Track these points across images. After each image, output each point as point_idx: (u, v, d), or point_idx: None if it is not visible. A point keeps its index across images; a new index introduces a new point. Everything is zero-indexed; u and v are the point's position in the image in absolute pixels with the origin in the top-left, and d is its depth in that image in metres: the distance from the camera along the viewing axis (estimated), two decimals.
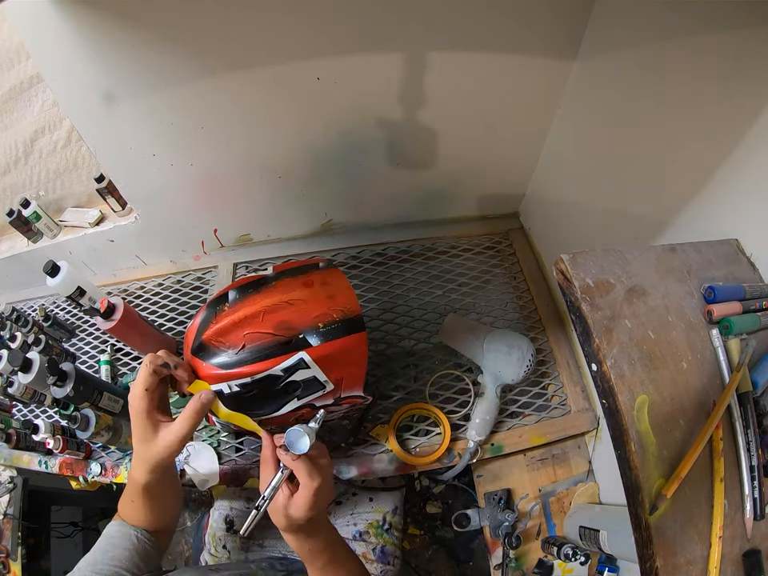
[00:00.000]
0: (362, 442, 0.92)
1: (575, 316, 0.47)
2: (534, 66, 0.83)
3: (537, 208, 1.16)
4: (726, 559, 0.46)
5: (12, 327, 1.06)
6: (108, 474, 0.94)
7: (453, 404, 0.94)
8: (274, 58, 0.76)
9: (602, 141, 0.83)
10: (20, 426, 0.97)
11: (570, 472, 0.94)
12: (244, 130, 0.88)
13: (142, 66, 0.75)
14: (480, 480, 0.93)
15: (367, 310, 1.09)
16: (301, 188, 1.05)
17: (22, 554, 1.01)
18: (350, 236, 1.21)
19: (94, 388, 0.86)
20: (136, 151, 0.90)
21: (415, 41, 0.76)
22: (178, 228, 1.12)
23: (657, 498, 0.43)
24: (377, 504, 1.03)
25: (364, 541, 0.99)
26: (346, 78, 0.80)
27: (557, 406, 0.95)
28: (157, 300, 1.17)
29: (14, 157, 1.14)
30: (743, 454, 0.49)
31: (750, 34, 0.51)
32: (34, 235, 1.17)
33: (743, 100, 0.55)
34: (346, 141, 0.93)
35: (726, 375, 0.50)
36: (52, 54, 0.73)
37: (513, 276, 1.14)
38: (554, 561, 0.87)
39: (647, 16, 0.64)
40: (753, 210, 0.57)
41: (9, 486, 1.04)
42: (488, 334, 0.92)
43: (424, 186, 1.11)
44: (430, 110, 0.88)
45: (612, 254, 0.51)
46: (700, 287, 0.54)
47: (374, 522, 1.01)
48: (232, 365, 0.62)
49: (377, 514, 1.02)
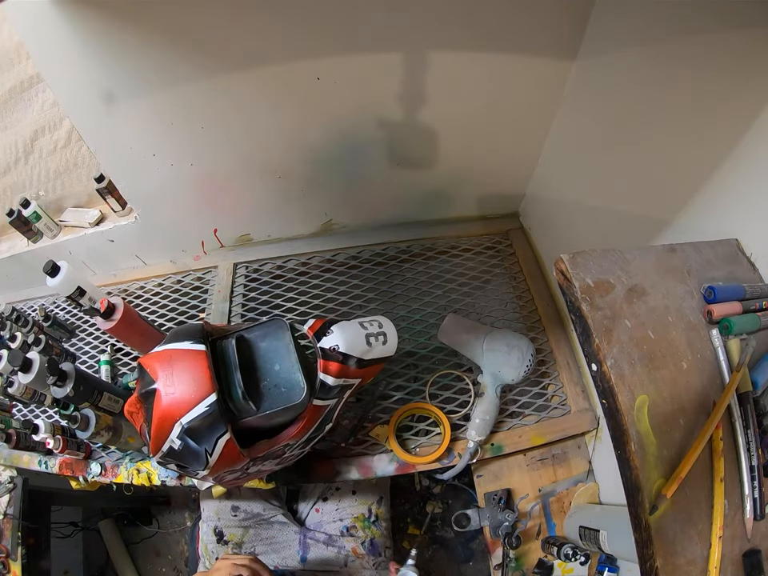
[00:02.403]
0: (361, 441, 0.92)
1: (575, 316, 0.47)
2: (534, 66, 0.83)
3: (537, 208, 1.16)
4: (726, 559, 0.46)
5: (12, 327, 1.06)
6: (108, 474, 0.94)
7: (453, 404, 0.94)
8: (274, 58, 0.76)
9: (602, 141, 0.83)
10: (20, 425, 0.97)
11: (569, 472, 0.94)
12: (244, 130, 0.88)
13: (142, 65, 0.75)
14: (480, 480, 0.93)
15: (367, 310, 1.09)
16: (301, 188, 1.05)
17: (21, 553, 1.01)
18: (350, 236, 1.22)
19: (94, 388, 0.86)
20: (136, 151, 0.90)
21: (415, 41, 0.76)
22: (177, 228, 1.13)
23: (657, 498, 0.43)
24: (360, 497, 1.03)
25: (352, 536, 0.99)
26: (346, 77, 0.80)
27: (557, 406, 0.95)
28: (157, 300, 1.17)
29: (14, 157, 1.14)
30: (743, 454, 0.49)
31: (750, 34, 0.51)
32: (33, 235, 1.17)
33: (743, 99, 0.55)
34: (346, 141, 0.93)
35: (725, 375, 0.50)
36: (52, 54, 0.73)
37: (513, 276, 1.14)
38: (554, 561, 0.87)
39: (647, 16, 0.64)
40: (753, 210, 0.57)
41: (9, 486, 1.04)
42: (488, 334, 0.92)
43: (424, 186, 1.11)
44: (429, 109, 0.88)
45: (612, 254, 0.51)
46: (700, 287, 0.54)
47: (360, 515, 1.01)
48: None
49: (362, 507, 1.01)
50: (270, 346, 0.73)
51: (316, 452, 0.91)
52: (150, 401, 0.62)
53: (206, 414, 0.60)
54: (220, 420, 0.61)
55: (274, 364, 0.71)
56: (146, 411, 0.64)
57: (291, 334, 0.72)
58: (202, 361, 0.63)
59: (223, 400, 0.63)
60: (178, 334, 0.68)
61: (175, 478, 0.92)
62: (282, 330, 0.73)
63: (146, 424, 0.63)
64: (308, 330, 0.70)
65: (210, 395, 0.61)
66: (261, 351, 0.73)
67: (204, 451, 0.61)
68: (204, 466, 0.62)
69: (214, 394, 0.61)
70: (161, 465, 0.67)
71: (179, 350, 0.65)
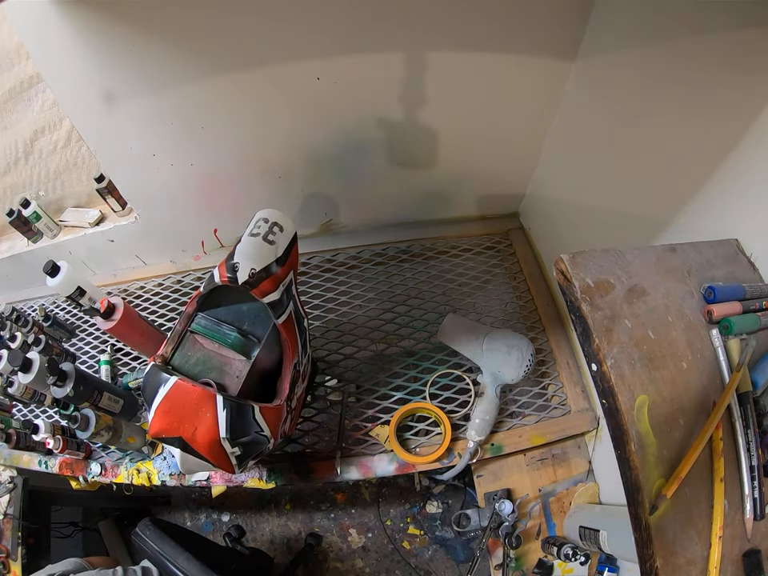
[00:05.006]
0: (362, 441, 0.92)
1: (575, 316, 0.47)
2: (534, 66, 0.83)
3: (537, 208, 1.16)
4: (726, 559, 0.46)
5: (12, 327, 1.06)
6: (108, 474, 0.94)
7: (453, 404, 0.94)
8: (275, 58, 0.76)
9: (601, 141, 0.83)
10: (20, 425, 0.97)
11: (569, 472, 0.94)
12: (244, 130, 0.88)
13: (142, 65, 0.75)
14: (480, 480, 0.93)
15: (367, 310, 1.09)
16: (301, 188, 1.05)
17: (21, 553, 1.01)
18: (350, 236, 1.22)
19: (94, 388, 0.86)
20: (136, 151, 0.90)
21: (415, 41, 0.76)
22: (177, 228, 1.12)
23: (657, 498, 0.42)
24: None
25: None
26: (346, 78, 0.80)
27: (557, 406, 0.95)
28: (157, 300, 1.17)
29: (14, 157, 1.14)
30: (743, 454, 0.49)
31: (750, 35, 0.51)
32: (34, 235, 1.17)
33: (743, 99, 0.55)
34: (346, 141, 0.93)
35: (725, 375, 0.50)
36: (52, 54, 0.73)
37: (513, 276, 1.14)
38: (554, 561, 0.87)
39: (646, 17, 0.64)
40: (753, 210, 0.57)
41: (9, 486, 1.04)
42: (487, 334, 0.92)
43: (424, 186, 1.11)
44: (429, 109, 0.88)
45: (612, 254, 0.51)
46: (700, 287, 0.54)
47: None
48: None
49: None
50: (222, 310, 0.76)
51: (316, 452, 0.92)
52: (189, 449, 0.63)
53: (231, 412, 0.62)
54: (245, 405, 0.64)
55: (236, 314, 0.76)
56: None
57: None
58: (183, 386, 0.62)
59: (231, 398, 0.64)
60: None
61: (177, 476, 0.92)
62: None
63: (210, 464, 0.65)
64: (220, 280, 0.66)
65: (217, 397, 0.62)
66: (222, 314, 0.75)
67: (259, 431, 0.66)
68: (266, 441, 0.68)
69: (219, 395, 0.62)
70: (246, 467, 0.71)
71: (160, 402, 0.63)
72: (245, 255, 0.66)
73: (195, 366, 0.70)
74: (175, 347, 0.71)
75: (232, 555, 1.17)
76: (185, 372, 0.69)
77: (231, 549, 1.21)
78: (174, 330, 0.72)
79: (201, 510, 1.65)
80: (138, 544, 0.92)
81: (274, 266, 0.68)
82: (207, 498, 1.64)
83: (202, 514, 1.64)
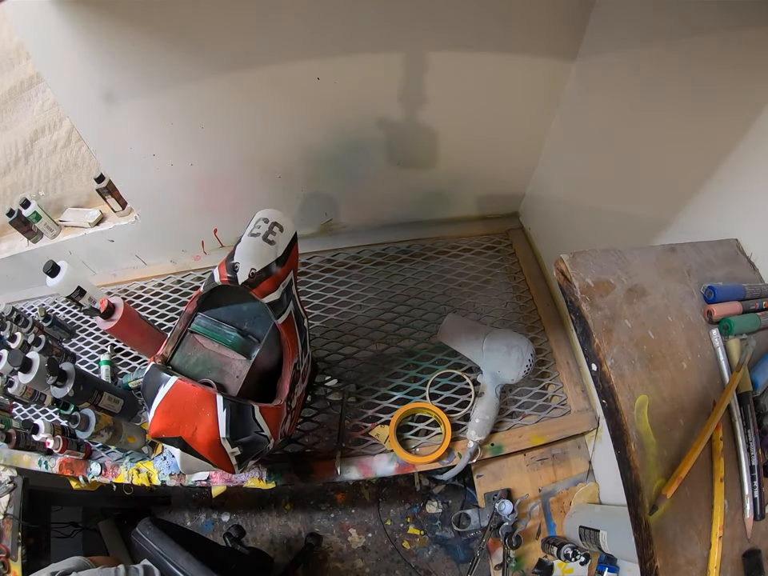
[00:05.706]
0: (362, 441, 0.92)
1: (575, 316, 0.47)
2: (534, 66, 0.83)
3: (537, 208, 1.16)
4: (726, 559, 0.46)
5: (12, 327, 1.06)
6: (108, 474, 0.94)
7: (453, 404, 0.94)
8: (274, 58, 0.76)
9: (601, 141, 0.83)
10: (20, 425, 0.97)
11: (569, 472, 0.94)
12: (244, 130, 0.88)
13: (142, 65, 0.75)
14: (480, 480, 0.93)
15: (367, 310, 1.09)
16: (301, 188, 1.05)
17: (21, 553, 1.01)
18: (350, 236, 1.22)
19: (94, 388, 0.86)
20: (136, 151, 0.90)
21: (415, 41, 0.76)
22: (177, 228, 1.12)
23: (657, 497, 0.42)
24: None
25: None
26: (346, 77, 0.80)
27: (557, 406, 0.95)
28: (157, 300, 1.17)
29: (14, 157, 1.14)
30: (743, 454, 0.49)
31: (750, 35, 0.51)
32: (34, 235, 1.17)
33: (743, 99, 0.55)
34: (346, 141, 0.93)
35: (725, 375, 0.50)
36: (52, 54, 0.73)
37: (513, 276, 1.14)
38: (554, 561, 0.87)
39: (646, 17, 0.64)
40: (753, 210, 0.57)
41: (9, 486, 1.04)
42: (487, 334, 0.92)
43: (424, 186, 1.11)
44: (429, 110, 0.88)
45: (612, 254, 0.51)
46: (700, 287, 0.54)
47: None
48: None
49: None
50: (222, 310, 0.76)
51: (316, 452, 0.92)
52: (189, 449, 0.63)
53: (231, 412, 0.62)
54: (245, 405, 0.64)
55: (236, 314, 0.76)
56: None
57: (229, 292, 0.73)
58: (183, 386, 0.62)
59: (231, 397, 0.64)
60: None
61: (177, 476, 0.92)
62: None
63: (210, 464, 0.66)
64: (220, 280, 0.66)
65: (217, 397, 0.61)
66: (222, 314, 0.75)
67: (259, 431, 0.66)
68: (266, 441, 0.68)
69: (219, 395, 0.62)
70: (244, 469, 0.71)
71: (160, 402, 0.63)
72: (245, 255, 0.67)
73: (195, 366, 0.70)
74: (175, 347, 0.71)
75: (232, 555, 1.17)
76: (185, 372, 0.69)
77: (231, 549, 1.21)
78: (173, 330, 0.72)
79: (201, 509, 1.65)
80: (138, 544, 0.92)
81: (274, 266, 0.68)
82: (207, 498, 1.64)
83: (202, 513, 1.64)
